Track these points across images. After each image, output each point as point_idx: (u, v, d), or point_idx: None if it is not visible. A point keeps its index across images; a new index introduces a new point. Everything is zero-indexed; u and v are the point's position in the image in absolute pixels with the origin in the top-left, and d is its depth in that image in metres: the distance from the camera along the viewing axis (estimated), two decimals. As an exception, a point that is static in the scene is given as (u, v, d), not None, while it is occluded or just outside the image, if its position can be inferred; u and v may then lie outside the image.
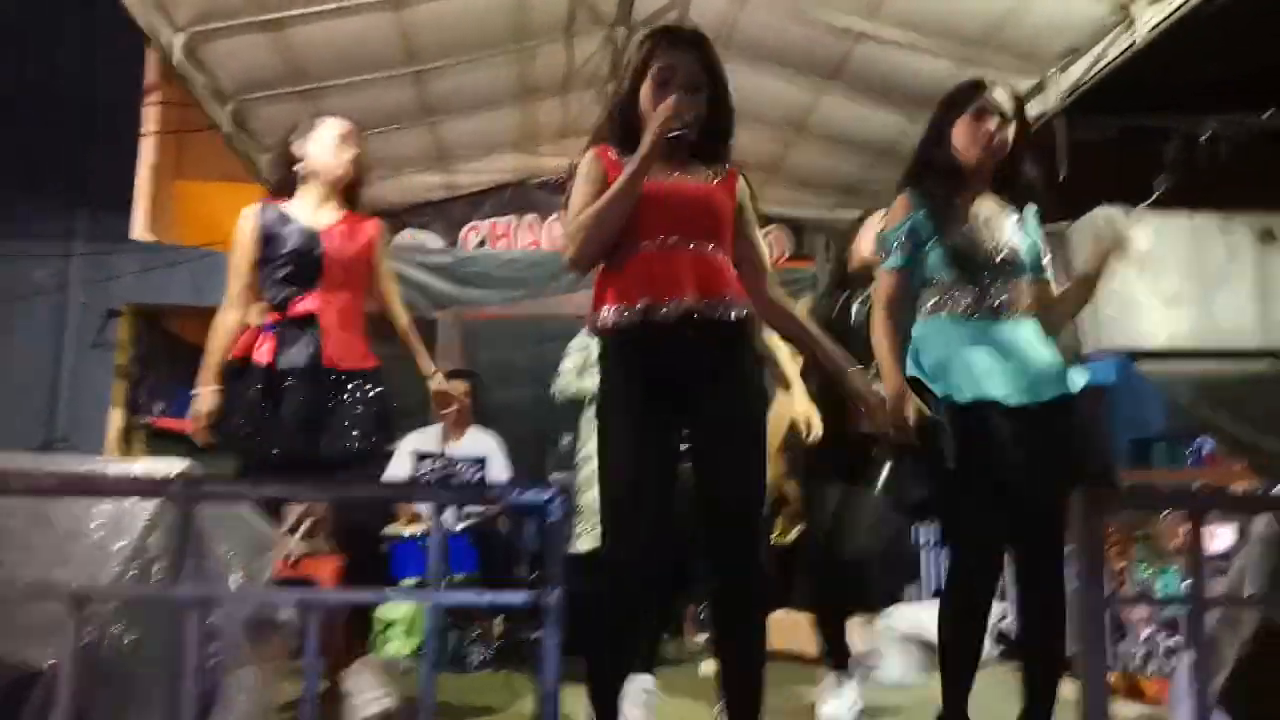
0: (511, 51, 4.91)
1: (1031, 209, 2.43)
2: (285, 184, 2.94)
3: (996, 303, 2.31)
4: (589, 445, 3.68)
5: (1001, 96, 2.37)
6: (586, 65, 5.29)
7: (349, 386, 2.78)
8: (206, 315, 2.94)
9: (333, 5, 4.14)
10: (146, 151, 7.36)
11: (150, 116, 7.28)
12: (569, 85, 5.48)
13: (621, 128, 2.21)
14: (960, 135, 2.36)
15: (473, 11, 4.47)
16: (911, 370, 2.32)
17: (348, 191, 2.97)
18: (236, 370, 2.77)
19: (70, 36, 7.06)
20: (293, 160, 2.94)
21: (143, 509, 1.48)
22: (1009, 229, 2.36)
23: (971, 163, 2.35)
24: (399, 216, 5.99)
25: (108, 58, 6.91)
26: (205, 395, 2.76)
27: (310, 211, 2.91)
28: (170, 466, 1.49)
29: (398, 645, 4.13)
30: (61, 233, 7.32)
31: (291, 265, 2.80)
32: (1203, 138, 5.27)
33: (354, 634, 2.80)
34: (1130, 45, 4.00)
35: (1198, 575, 1.39)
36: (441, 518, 1.24)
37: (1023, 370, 2.26)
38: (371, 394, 2.80)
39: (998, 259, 2.32)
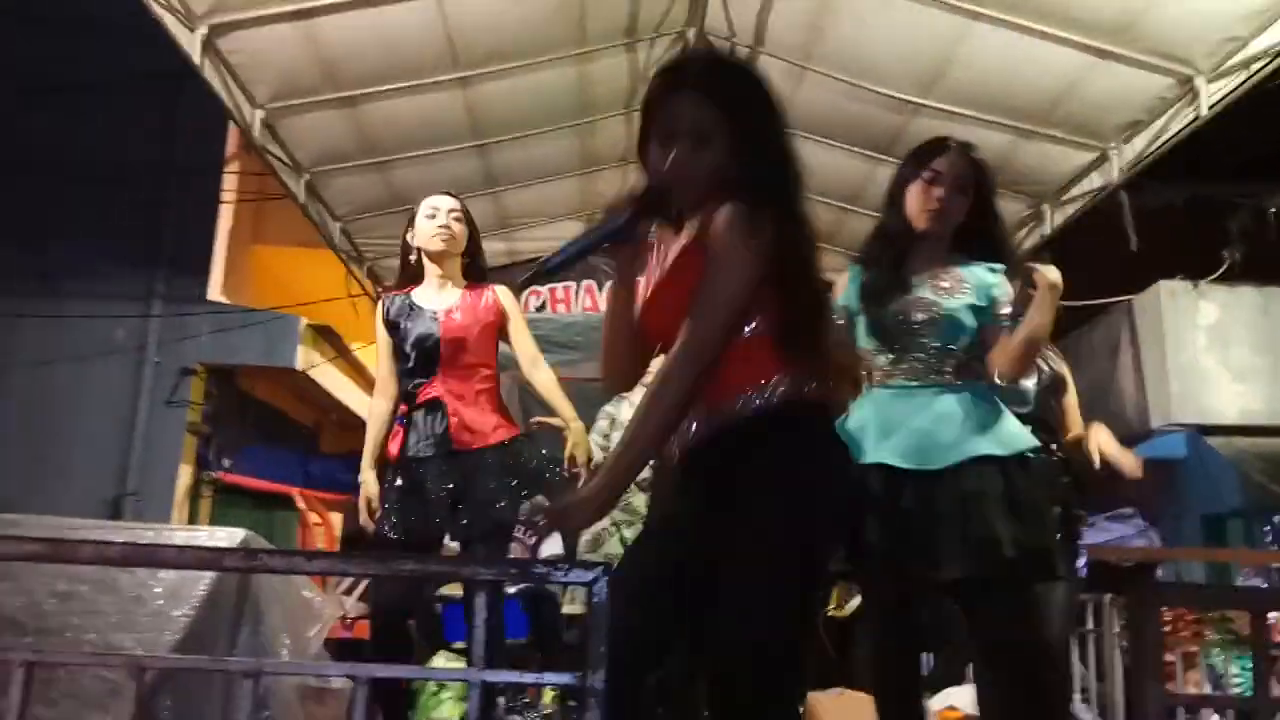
0: (573, 125, 5.05)
1: (982, 267, 2.29)
2: (407, 272, 3.04)
3: (914, 370, 2.24)
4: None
5: (953, 160, 2.26)
6: (646, 138, 5.41)
7: (481, 464, 2.80)
8: (276, 374, 3.06)
9: (404, 84, 4.31)
10: (225, 217, 7.67)
11: (230, 184, 7.60)
12: (628, 157, 5.60)
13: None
14: (911, 200, 2.27)
15: (537, 88, 4.61)
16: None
17: (468, 266, 3.03)
18: (383, 467, 2.87)
19: (155, 105, 7.44)
20: (408, 249, 3.03)
21: (202, 577, 1.53)
22: (940, 293, 2.25)
23: (922, 227, 2.26)
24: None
25: (191, 127, 7.26)
26: (368, 482, 2.84)
27: (433, 295, 2.98)
28: (230, 537, 1.54)
29: (449, 709, 4.12)
30: (141, 293, 7.63)
31: (414, 354, 2.89)
32: (1271, 210, 5.16)
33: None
34: (1194, 119, 3.96)
35: (1263, 676, 1.35)
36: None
37: (921, 435, 2.16)
38: (508, 465, 2.82)
39: (915, 325, 2.23)
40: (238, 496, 7.86)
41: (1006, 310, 2.27)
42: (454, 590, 4.28)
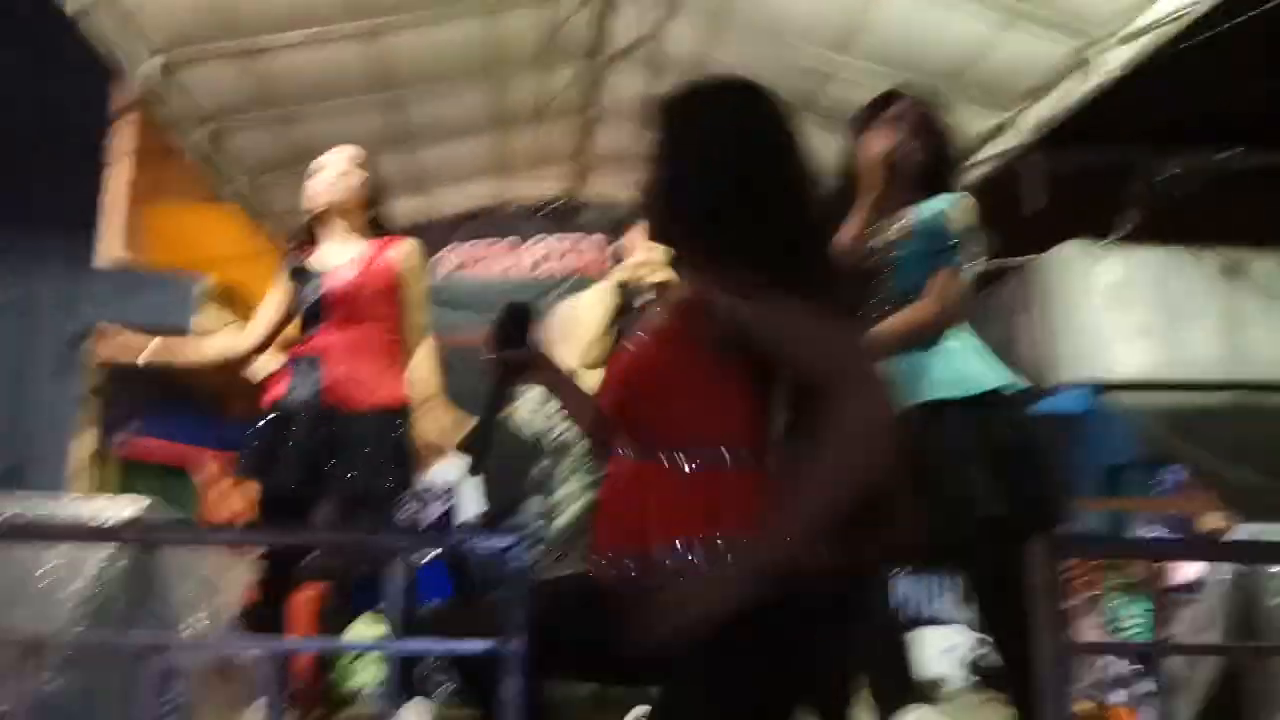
0: (486, 80, 4.93)
1: (929, 203, 2.22)
2: (305, 231, 2.91)
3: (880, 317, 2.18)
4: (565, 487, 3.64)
5: (905, 105, 2.24)
6: (561, 95, 5.33)
7: (356, 425, 2.64)
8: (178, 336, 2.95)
9: (307, 32, 4.14)
10: (118, 174, 7.30)
11: (122, 139, 7.22)
12: (543, 114, 5.51)
13: None
14: (863, 150, 2.25)
15: (446, 42, 4.49)
16: None
17: (369, 219, 2.89)
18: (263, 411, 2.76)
19: (39, 53, 7.00)
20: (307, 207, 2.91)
21: (97, 552, 1.46)
22: (894, 239, 2.21)
23: (872, 175, 2.21)
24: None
25: (76, 80, 6.86)
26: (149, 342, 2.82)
27: (326, 255, 2.85)
28: (126, 508, 1.47)
29: (370, 674, 4.07)
30: (30, 255, 7.23)
31: (307, 312, 2.78)
32: (1168, 173, 5.35)
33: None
34: (1096, 84, 4.07)
35: (1162, 624, 1.40)
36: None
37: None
38: (383, 434, 2.66)
39: (877, 277, 2.20)
40: (141, 468, 7.58)
41: (950, 242, 2.18)
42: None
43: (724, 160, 1.36)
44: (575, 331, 2.85)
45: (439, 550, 4.29)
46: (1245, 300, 5.81)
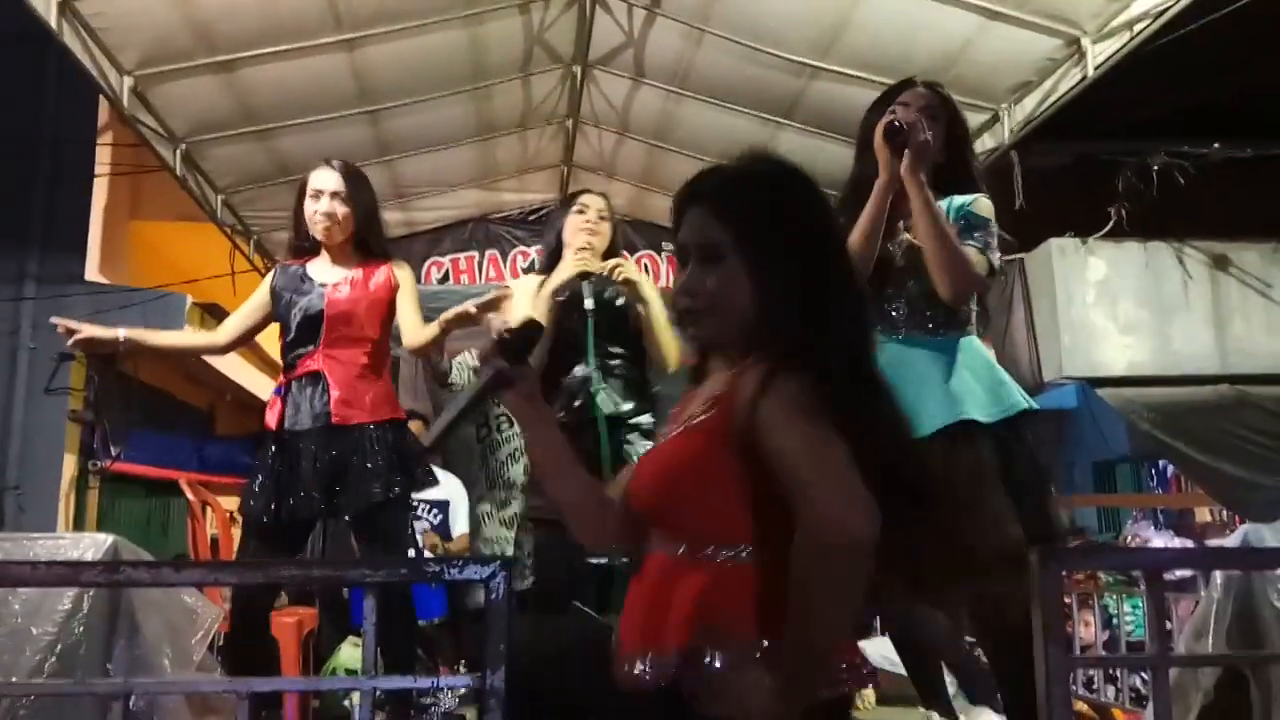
0: (468, 90, 4.89)
1: (954, 199, 2.15)
2: (302, 245, 2.96)
3: (895, 321, 2.14)
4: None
5: (920, 92, 2.17)
6: (544, 103, 5.29)
7: (362, 440, 2.75)
8: (161, 357, 2.96)
9: (283, 47, 4.09)
10: (99, 192, 7.23)
11: (103, 157, 7.16)
12: (527, 122, 5.47)
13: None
14: (876, 138, 2.13)
15: (427, 51, 4.44)
16: None
17: (361, 243, 2.94)
18: (257, 439, 2.87)
19: (19, 72, 6.94)
20: (300, 223, 2.94)
21: (66, 590, 1.41)
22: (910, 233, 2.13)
23: (882, 157, 2.11)
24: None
25: (61, 96, 6.81)
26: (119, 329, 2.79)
27: (326, 268, 2.90)
28: (96, 545, 1.42)
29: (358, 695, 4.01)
30: (12, 275, 7.16)
31: (297, 325, 2.83)
32: (1155, 168, 5.34)
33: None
34: (1081, 79, 4.05)
35: (1161, 636, 1.37)
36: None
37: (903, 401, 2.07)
38: (388, 442, 2.77)
39: (897, 270, 2.11)
40: (128, 485, 7.50)
41: (978, 233, 2.12)
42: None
43: (800, 262, 1.32)
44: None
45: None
46: (1231, 293, 5.82)
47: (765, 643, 1.20)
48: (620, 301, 2.84)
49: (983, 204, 2.14)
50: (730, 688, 1.17)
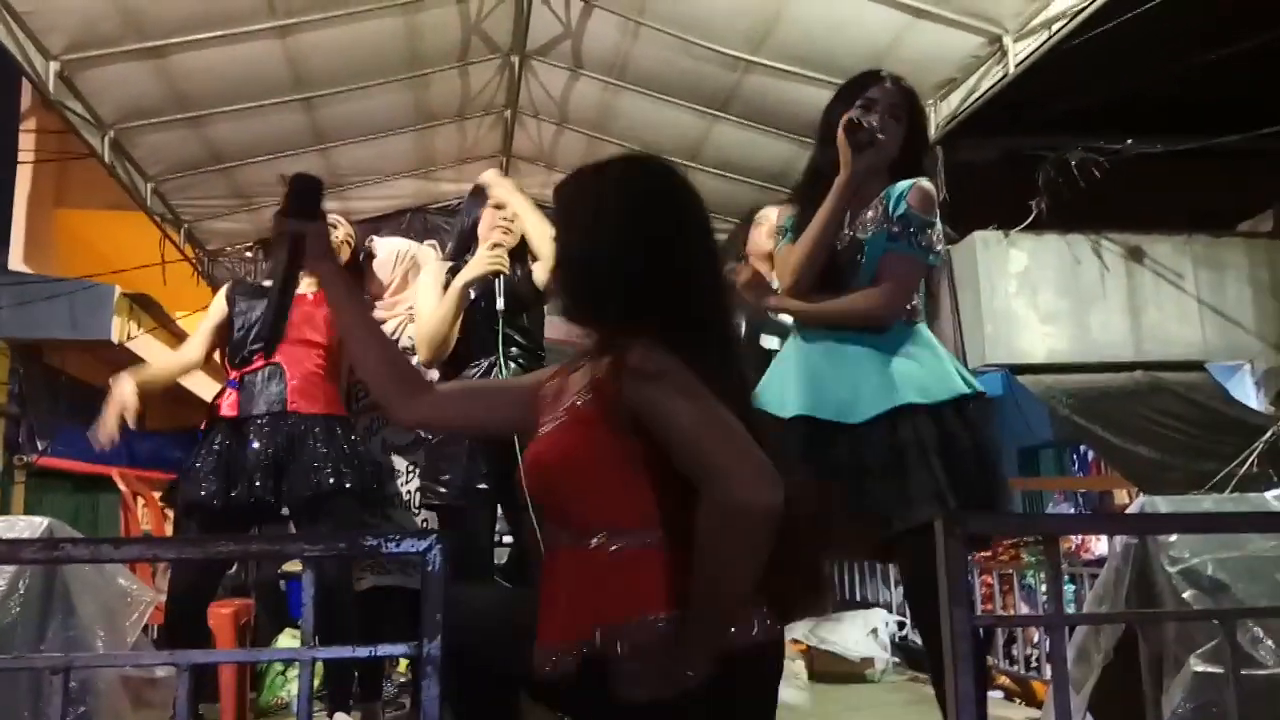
0: (405, 78, 4.88)
1: (892, 189, 2.12)
2: (254, 254, 3.09)
3: None
4: None
5: (886, 89, 2.15)
6: (483, 93, 5.30)
7: (313, 428, 2.81)
8: (90, 349, 2.94)
9: (216, 33, 4.05)
10: (23, 180, 7.04)
11: (27, 143, 6.97)
12: (465, 112, 5.47)
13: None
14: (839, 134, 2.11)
15: (363, 39, 4.42)
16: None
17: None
18: (205, 430, 2.84)
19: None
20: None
21: (1, 571, 1.42)
22: (865, 228, 2.12)
23: (842, 152, 2.10)
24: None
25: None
26: (121, 380, 2.80)
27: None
28: (31, 526, 1.43)
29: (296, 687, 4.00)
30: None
31: (256, 323, 2.87)
32: (1073, 163, 5.55)
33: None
34: (1003, 76, 4.19)
35: (1057, 596, 1.47)
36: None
37: (844, 387, 2.04)
38: (338, 435, 2.83)
39: (843, 265, 2.11)
40: (56, 480, 7.32)
41: (914, 233, 2.08)
42: (296, 566, 4.14)
43: (637, 239, 1.38)
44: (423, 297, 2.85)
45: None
46: (1145, 284, 6.08)
47: (667, 616, 1.26)
48: (529, 298, 2.85)
49: (921, 196, 2.11)
50: (641, 672, 1.23)
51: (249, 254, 5.97)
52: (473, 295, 2.72)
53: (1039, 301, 5.93)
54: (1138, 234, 6.12)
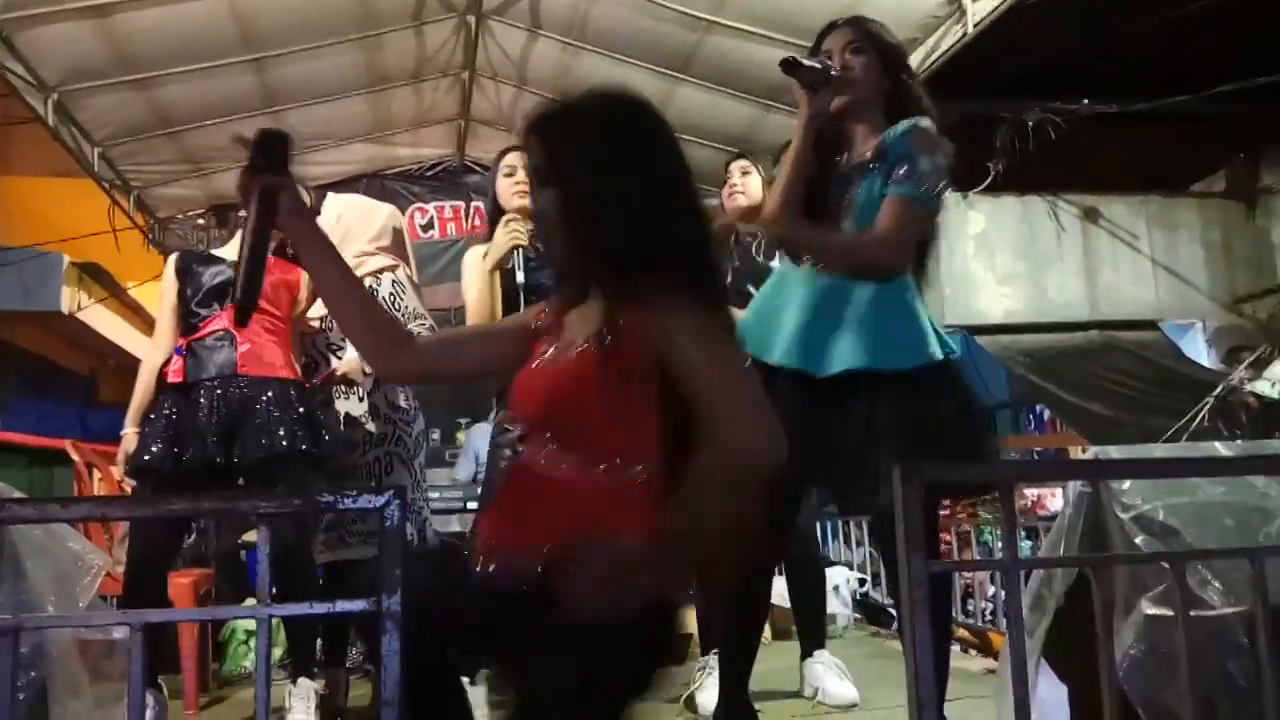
0: (359, 39, 4.78)
1: (895, 129, 2.05)
2: (206, 221, 3.03)
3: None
4: None
5: (840, 30, 2.13)
6: (438, 54, 5.20)
7: (265, 389, 2.76)
8: (40, 320, 2.87)
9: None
10: (-37, 146, 6.82)
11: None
12: (421, 73, 5.37)
13: None
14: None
15: (314, -3, 4.32)
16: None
17: None
18: (156, 399, 2.80)
19: None
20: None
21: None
22: (856, 171, 2.09)
23: (835, 107, 2.08)
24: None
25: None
26: (128, 438, 2.82)
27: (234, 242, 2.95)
28: (-25, 489, 1.40)
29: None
30: None
31: (205, 292, 2.83)
32: (1030, 124, 5.58)
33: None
34: (962, 36, 4.20)
35: (1011, 541, 1.49)
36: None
37: (811, 333, 2.03)
38: (291, 398, 2.79)
39: (835, 209, 2.08)
40: (9, 454, 7.16)
41: (901, 171, 2.00)
42: (255, 536, 4.10)
43: (641, 184, 1.34)
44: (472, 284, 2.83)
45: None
46: (1101, 244, 6.17)
47: (637, 545, 1.25)
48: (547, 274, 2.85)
49: (920, 136, 2.02)
50: (592, 588, 1.21)
51: (201, 221, 5.86)
52: (510, 267, 2.72)
53: (996, 263, 6.01)
54: (1094, 195, 6.21)
